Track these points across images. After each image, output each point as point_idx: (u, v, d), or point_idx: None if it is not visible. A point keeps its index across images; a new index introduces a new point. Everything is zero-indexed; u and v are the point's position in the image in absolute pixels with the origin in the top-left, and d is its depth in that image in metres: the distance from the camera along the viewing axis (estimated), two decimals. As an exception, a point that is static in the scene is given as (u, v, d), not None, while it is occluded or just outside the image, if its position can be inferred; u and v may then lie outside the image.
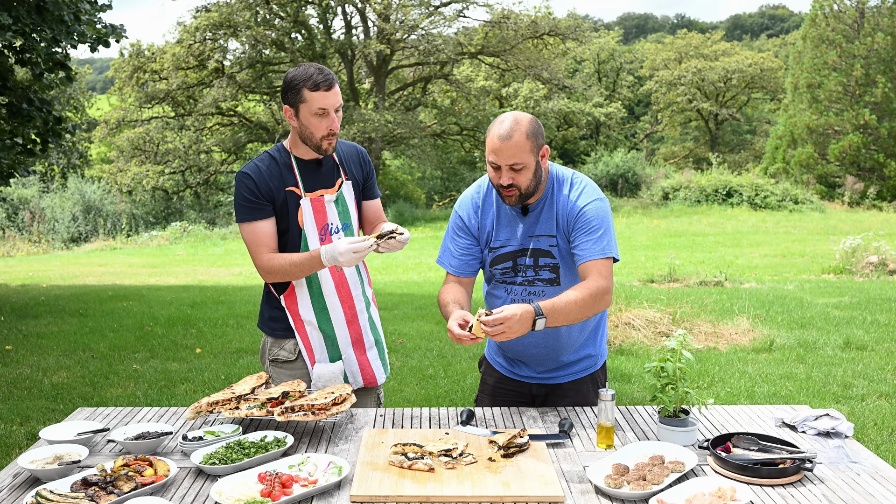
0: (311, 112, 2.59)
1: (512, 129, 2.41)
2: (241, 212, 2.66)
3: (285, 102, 2.65)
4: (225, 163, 28.07)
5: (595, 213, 2.51)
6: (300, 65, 2.65)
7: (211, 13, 24.12)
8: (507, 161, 2.42)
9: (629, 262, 12.84)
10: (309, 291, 2.73)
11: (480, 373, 2.94)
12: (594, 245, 2.47)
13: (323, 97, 2.57)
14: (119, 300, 9.86)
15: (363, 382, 2.84)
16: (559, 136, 35.71)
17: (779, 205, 23.09)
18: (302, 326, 2.74)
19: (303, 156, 2.72)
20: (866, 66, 25.46)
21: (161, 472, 2.06)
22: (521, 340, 2.60)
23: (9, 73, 9.12)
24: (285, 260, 2.64)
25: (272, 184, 2.65)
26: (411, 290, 10.51)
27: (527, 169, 2.44)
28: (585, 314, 2.44)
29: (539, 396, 2.78)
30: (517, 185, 2.45)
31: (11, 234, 22.30)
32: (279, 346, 2.78)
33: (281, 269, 2.64)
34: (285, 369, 2.78)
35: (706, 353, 6.62)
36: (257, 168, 2.66)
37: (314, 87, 2.56)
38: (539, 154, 2.48)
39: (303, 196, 2.68)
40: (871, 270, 10.92)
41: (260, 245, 2.65)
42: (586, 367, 2.75)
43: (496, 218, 2.64)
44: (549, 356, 2.68)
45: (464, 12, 26.22)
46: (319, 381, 2.73)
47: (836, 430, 2.37)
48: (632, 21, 77.55)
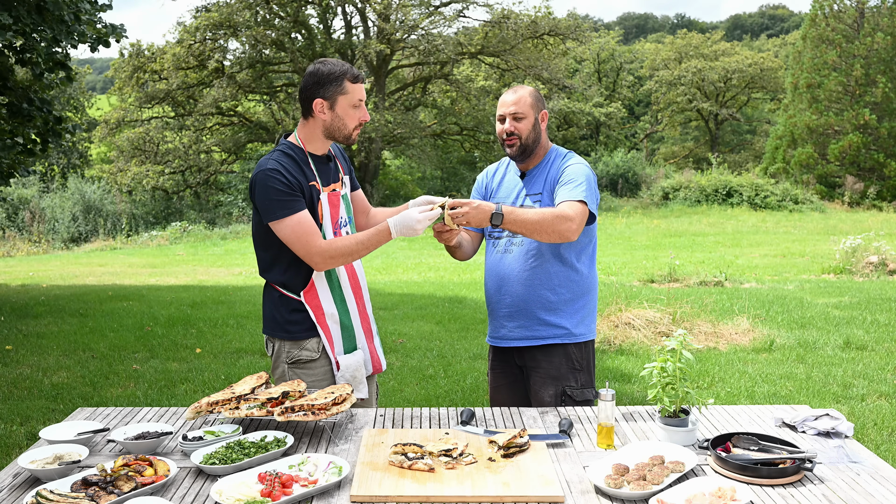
0: (351, 103, 2.66)
1: (517, 89, 2.93)
2: (278, 207, 2.59)
3: (318, 96, 2.64)
4: (225, 163, 28.07)
5: (576, 170, 2.84)
6: (322, 60, 2.69)
7: (211, 13, 24.10)
8: (510, 111, 2.87)
9: (629, 262, 12.84)
10: (329, 284, 2.73)
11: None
12: (570, 192, 2.77)
13: (361, 89, 2.68)
14: (119, 300, 9.86)
15: (373, 370, 2.88)
16: (559, 136, 35.68)
17: (779, 205, 23.09)
18: (324, 321, 2.72)
19: (316, 151, 2.74)
20: (866, 66, 25.46)
21: (161, 472, 2.06)
22: (497, 285, 2.97)
23: (9, 73, 9.12)
24: (352, 240, 2.64)
25: (298, 178, 2.65)
26: (411, 290, 10.51)
27: (527, 120, 2.88)
28: (543, 228, 2.65)
29: (522, 367, 3.01)
30: (518, 134, 2.87)
31: (11, 234, 22.30)
32: (299, 348, 2.73)
33: (347, 249, 2.63)
34: (307, 369, 2.73)
35: (706, 353, 6.62)
36: (281, 163, 2.64)
37: (354, 79, 2.65)
38: (539, 114, 2.92)
39: (321, 191, 2.70)
40: (871, 270, 10.92)
41: (311, 234, 2.60)
42: (558, 336, 2.90)
43: (501, 180, 3.11)
44: (521, 308, 2.92)
45: (464, 12, 26.21)
46: (347, 371, 2.74)
47: (836, 430, 2.37)
48: (632, 21, 77.55)
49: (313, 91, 2.65)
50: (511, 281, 2.92)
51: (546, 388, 2.88)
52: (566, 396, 2.88)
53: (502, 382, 3.08)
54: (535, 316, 2.89)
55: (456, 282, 11.37)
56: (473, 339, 7.34)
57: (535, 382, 2.92)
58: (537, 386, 2.91)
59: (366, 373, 2.82)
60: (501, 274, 2.95)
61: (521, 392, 3.03)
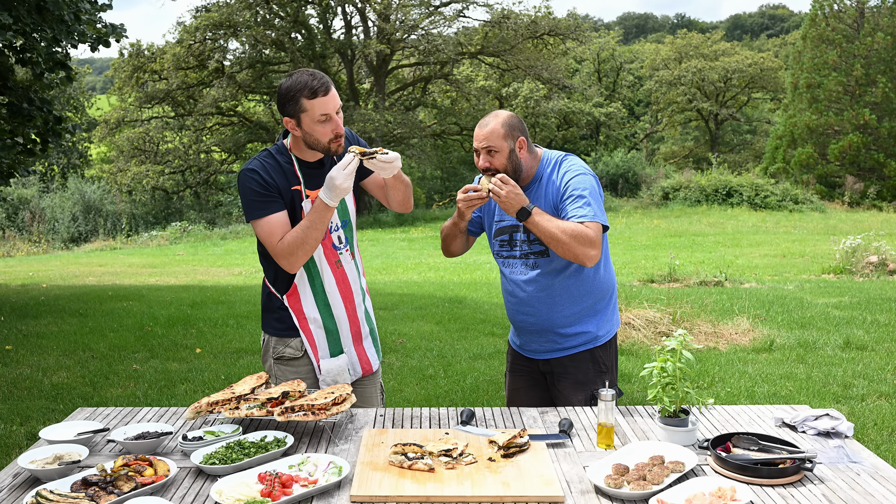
0: (314, 120, 2.55)
1: (489, 119, 2.78)
2: (252, 208, 2.59)
3: (284, 114, 2.59)
4: (225, 163, 28.08)
5: (580, 182, 2.73)
6: (291, 73, 2.60)
7: (211, 13, 24.11)
8: (482, 144, 2.76)
9: (629, 262, 12.84)
10: (312, 289, 2.72)
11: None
12: (581, 210, 2.68)
13: (322, 103, 2.53)
14: (119, 300, 9.86)
15: (362, 372, 2.87)
16: (559, 136, 35.70)
17: (779, 205, 23.09)
18: (306, 324, 2.73)
19: (305, 157, 2.70)
20: (866, 65, 25.46)
21: (161, 472, 2.06)
22: (517, 308, 2.91)
23: (9, 73, 9.12)
24: (298, 230, 2.58)
25: (279, 181, 2.63)
26: (411, 290, 10.51)
27: (500, 154, 2.75)
28: (563, 244, 2.60)
29: (547, 373, 2.97)
30: (493, 168, 2.75)
31: (11, 234, 22.32)
32: (284, 345, 2.77)
33: (296, 240, 2.57)
34: (291, 366, 2.77)
35: (706, 353, 6.62)
36: (262, 164, 2.63)
37: (312, 94, 2.52)
38: (516, 143, 2.77)
39: (304, 198, 2.66)
40: (871, 270, 10.92)
41: (276, 236, 2.59)
42: (584, 343, 2.88)
43: None
44: (545, 327, 2.87)
45: (464, 12, 26.23)
46: (328, 375, 2.74)
47: (836, 430, 2.37)
48: (632, 21, 77.58)
49: (281, 109, 2.61)
50: (532, 303, 2.86)
51: (576, 394, 2.86)
52: (595, 399, 2.85)
53: (521, 385, 3.05)
54: (560, 332, 2.86)
55: (456, 282, 11.37)
56: (473, 339, 7.34)
57: (565, 388, 2.89)
58: (567, 392, 2.89)
59: (351, 377, 2.81)
60: (520, 297, 2.89)
61: (540, 394, 3.00)
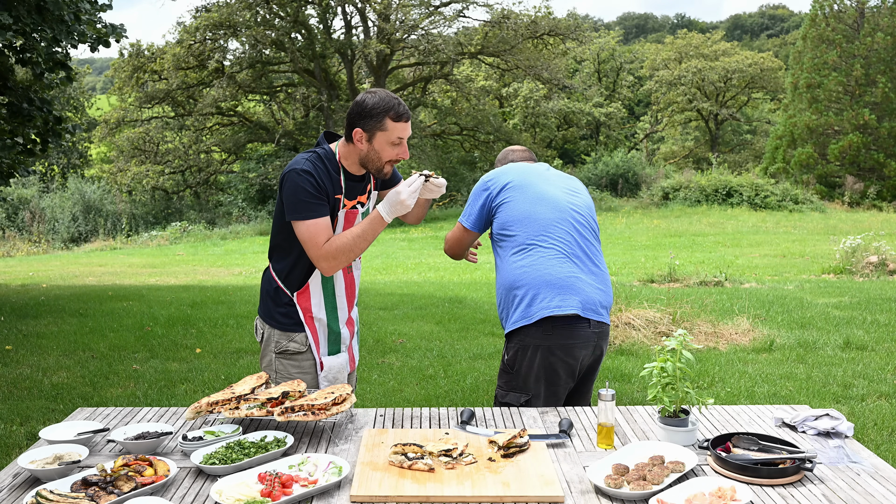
0: (389, 140, 2.63)
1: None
2: (301, 208, 2.61)
3: (358, 126, 2.63)
4: (225, 163, 28.08)
5: None
6: (373, 91, 2.65)
7: (211, 13, 24.12)
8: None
9: (629, 262, 12.84)
10: (323, 291, 2.76)
11: None
12: None
13: (403, 128, 2.64)
14: (119, 300, 9.86)
15: (350, 368, 2.95)
16: (559, 136, 35.72)
17: (779, 205, 23.09)
18: (312, 323, 2.77)
19: (351, 169, 2.73)
20: (866, 66, 25.46)
21: (161, 472, 2.06)
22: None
23: (9, 73, 9.12)
24: (348, 236, 2.63)
25: (327, 185, 2.66)
26: (411, 290, 10.51)
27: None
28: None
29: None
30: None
31: (11, 234, 22.32)
32: (288, 339, 2.78)
33: (345, 246, 2.62)
34: (293, 361, 2.79)
35: (706, 353, 6.62)
36: (314, 167, 2.64)
37: (397, 117, 2.61)
38: None
39: (340, 208, 2.71)
40: (871, 270, 10.92)
41: (321, 238, 2.62)
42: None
43: None
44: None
45: (464, 12, 26.23)
46: (329, 372, 2.80)
47: (836, 430, 2.37)
48: (632, 21, 77.60)
49: (355, 120, 2.64)
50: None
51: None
52: (497, 401, 2.91)
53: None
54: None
55: (456, 282, 11.37)
56: (473, 339, 7.34)
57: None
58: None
59: (346, 373, 2.91)
60: None
61: None
